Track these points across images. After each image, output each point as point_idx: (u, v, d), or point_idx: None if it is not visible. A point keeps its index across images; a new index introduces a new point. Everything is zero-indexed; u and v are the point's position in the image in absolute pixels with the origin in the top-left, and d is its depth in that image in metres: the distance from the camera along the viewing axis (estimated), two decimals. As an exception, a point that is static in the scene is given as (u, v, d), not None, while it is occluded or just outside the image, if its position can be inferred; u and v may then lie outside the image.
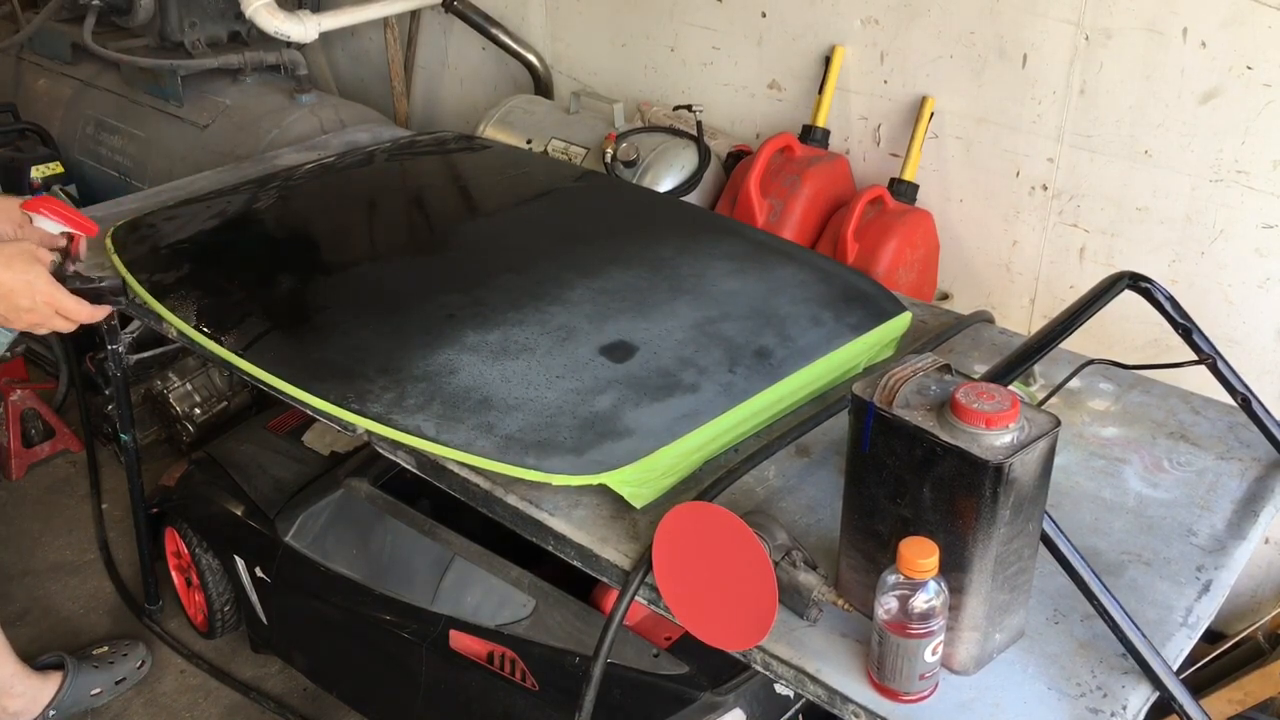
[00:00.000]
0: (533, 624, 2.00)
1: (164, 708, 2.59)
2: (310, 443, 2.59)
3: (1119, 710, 1.25)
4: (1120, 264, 2.50)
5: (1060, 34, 2.42)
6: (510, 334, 1.82)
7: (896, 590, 1.19)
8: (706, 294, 1.96)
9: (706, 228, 2.26)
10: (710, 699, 1.83)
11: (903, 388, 1.24)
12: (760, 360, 1.78)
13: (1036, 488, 1.21)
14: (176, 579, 2.77)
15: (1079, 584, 1.29)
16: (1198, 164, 2.33)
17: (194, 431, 3.14)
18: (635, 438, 1.58)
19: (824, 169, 2.70)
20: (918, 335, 1.96)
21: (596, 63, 3.37)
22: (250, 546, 2.44)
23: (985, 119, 2.60)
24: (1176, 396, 1.81)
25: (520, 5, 3.46)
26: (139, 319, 2.21)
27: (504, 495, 1.57)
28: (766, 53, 2.94)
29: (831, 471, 1.60)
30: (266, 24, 3.11)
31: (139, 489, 2.67)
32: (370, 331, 1.85)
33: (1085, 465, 1.64)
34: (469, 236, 2.25)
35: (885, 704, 1.24)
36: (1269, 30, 2.16)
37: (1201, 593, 1.42)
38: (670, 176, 2.78)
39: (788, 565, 1.33)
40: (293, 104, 3.26)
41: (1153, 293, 1.64)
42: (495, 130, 3.08)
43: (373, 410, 1.66)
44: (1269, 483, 1.63)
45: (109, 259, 2.16)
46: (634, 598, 1.42)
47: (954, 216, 2.73)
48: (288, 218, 2.40)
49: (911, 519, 1.23)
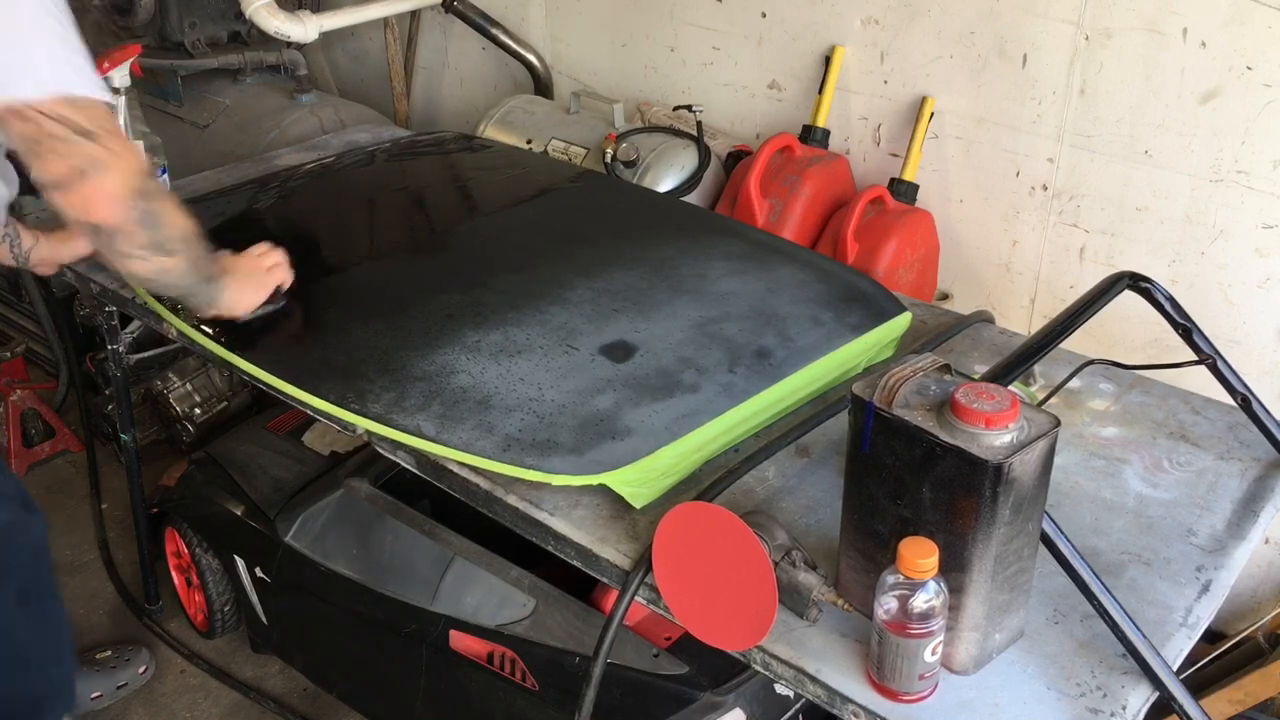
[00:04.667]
0: (533, 624, 2.00)
1: (164, 708, 2.59)
2: (310, 443, 2.59)
3: (1119, 710, 1.25)
4: (1120, 264, 2.50)
5: (1060, 34, 2.42)
6: (510, 334, 1.82)
7: (896, 590, 1.19)
8: (706, 294, 1.96)
9: (706, 228, 2.26)
10: (710, 699, 1.83)
11: (902, 388, 1.24)
12: (760, 360, 1.78)
13: (1036, 488, 1.21)
14: (176, 579, 2.77)
15: (1079, 584, 1.29)
16: (1198, 164, 2.33)
17: (194, 431, 3.13)
18: (635, 438, 1.58)
19: (824, 169, 2.70)
20: (918, 335, 1.96)
21: (596, 63, 3.37)
22: (250, 546, 2.44)
23: (985, 119, 2.60)
24: (1176, 396, 1.81)
25: (520, 5, 3.46)
26: (139, 319, 2.21)
27: (504, 495, 1.57)
28: (766, 53, 2.94)
29: (831, 471, 1.60)
30: (266, 24, 3.11)
31: (139, 489, 2.67)
32: (370, 331, 1.85)
33: (1085, 465, 1.64)
34: (469, 237, 2.25)
35: (885, 704, 1.24)
36: (1269, 30, 2.16)
37: (1201, 593, 1.42)
38: (670, 176, 2.78)
39: (787, 565, 1.33)
40: (293, 104, 3.27)
41: (1153, 293, 1.64)
42: (495, 130, 3.08)
43: (373, 410, 1.66)
44: (1269, 483, 1.63)
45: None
46: (634, 598, 1.42)
47: (954, 216, 2.73)
48: (288, 218, 2.40)
49: (911, 519, 1.23)
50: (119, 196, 1.62)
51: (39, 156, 1.56)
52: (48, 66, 1.55)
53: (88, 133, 1.57)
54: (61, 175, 1.57)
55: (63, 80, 1.55)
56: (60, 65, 1.56)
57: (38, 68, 1.54)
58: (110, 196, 1.61)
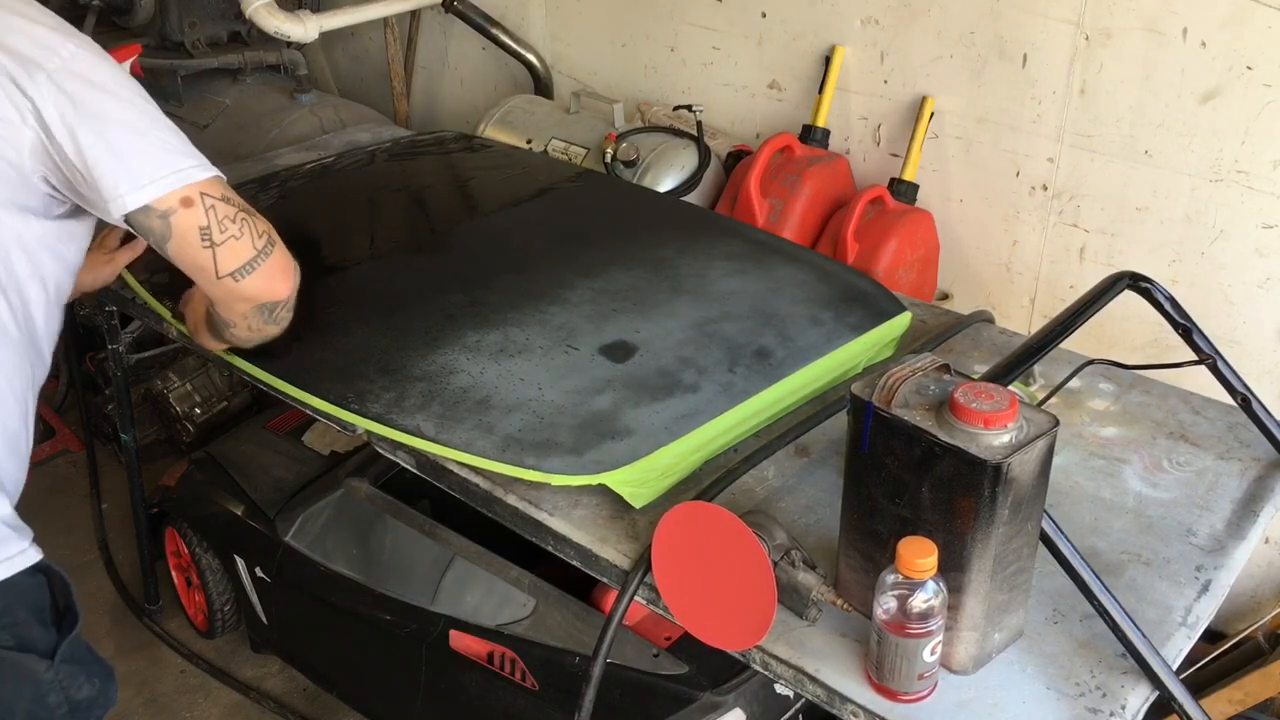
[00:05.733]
0: (533, 624, 2.00)
1: (164, 708, 2.59)
2: (310, 443, 2.59)
3: (1118, 710, 1.25)
4: (1120, 264, 2.50)
5: (1060, 34, 2.42)
6: (510, 334, 1.82)
7: (895, 590, 1.19)
8: (706, 294, 1.96)
9: (706, 228, 2.26)
10: (710, 699, 1.83)
11: (902, 387, 1.24)
12: (760, 360, 1.78)
13: (1035, 487, 1.21)
14: (176, 579, 2.77)
15: (1078, 584, 1.29)
16: (1198, 164, 2.33)
17: (194, 431, 3.13)
18: (635, 438, 1.58)
19: (824, 169, 2.70)
20: (917, 335, 1.96)
21: (596, 63, 3.37)
22: (250, 546, 2.44)
23: (985, 119, 2.60)
24: (1176, 396, 1.81)
25: (520, 5, 3.46)
26: (139, 319, 2.21)
27: (504, 495, 1.57)
28: (766, 53, 2.94)
29: (831, 471, 1.60)
30: (266, 24, 3.11)
31: (139, 489, 2.67)
32: (370, 331, 1.86)
33: (1085, 465, 1.64)
34: (469, 236, 2.25)
35: (884, 704, 1.25)
36: (1269, 30, 2.16)
37: (1201, 592, 1.42)
38: (670, 176, 2.78)
39: (787, 565, 1.33)
40: (293, 104, 3.26)
41: (1153, 293, 1.64)
42: (495, 130, 3.08)
43: (373, 410, 1.66)
44: (1269, 482, 1.63)
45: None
46: (633, 598, 1.42)
47: (954, 216, 2.73)
48: (288, 218, 2.38)
49: (910, 519, 1.23)
50: (290, 267, 1.57)
51: (216, 246, 1.47)
52: (189, 153, 1.48)
53: (250, 210, 1.51)
54: (247, 260, 1.49)
55: (203, 163, 1.48)
56: (192, 150, 1.49)
57: (184, 154, 1.47)
58: (285, 269, 1.56)
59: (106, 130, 1.40)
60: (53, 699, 1.42)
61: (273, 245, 1.54)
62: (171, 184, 1.43)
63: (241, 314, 1.60)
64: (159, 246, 1.49)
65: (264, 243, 1.52)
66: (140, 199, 1.42)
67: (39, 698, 1.41)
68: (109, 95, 1.43)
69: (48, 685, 1.42)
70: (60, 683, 1.43)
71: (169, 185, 1.43)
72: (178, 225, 1.45)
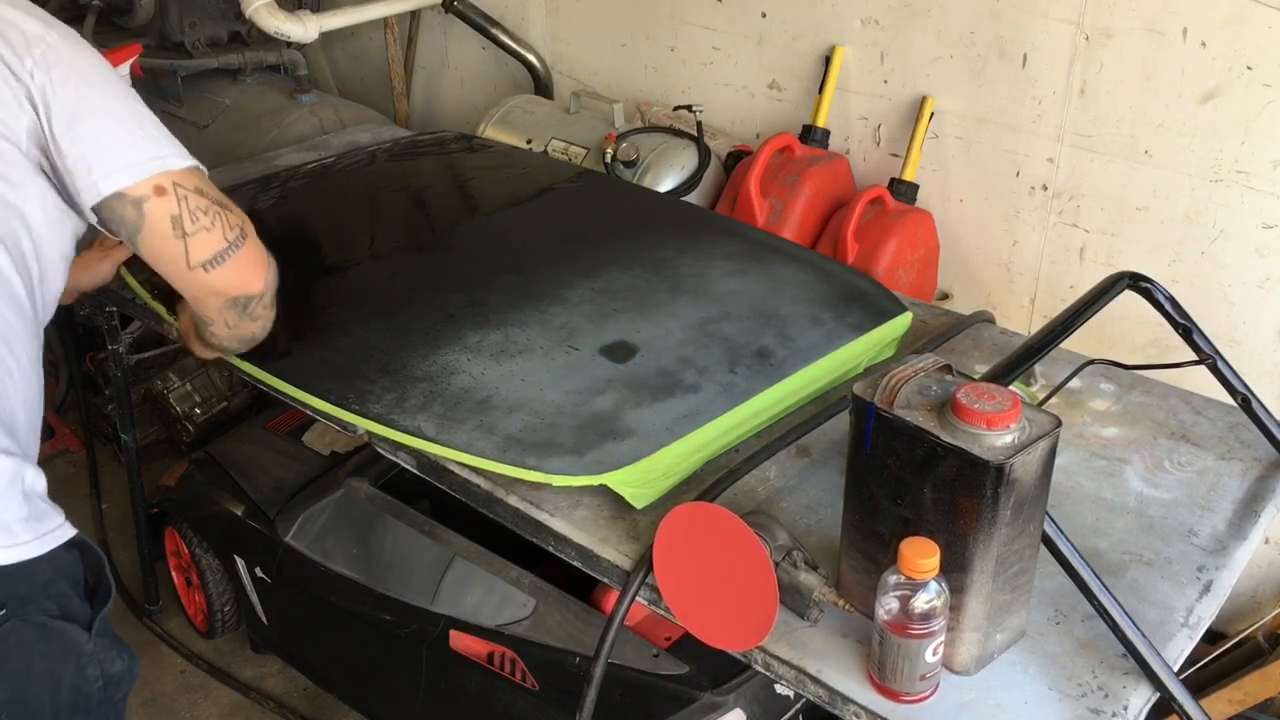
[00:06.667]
0: (533, 624, 2.00)
1: (164, 708, 2.59)
2: (310, 443, 2.59)
3: (1120, 710, 1.25)
4: (1120, 264, 2.50)
5: (1060, 34, 2.42)
6: (511, 334, 1.82)
7: (897, 590, 1.19)
8: (707, 294, 1.96)
9: (707, 228, 2.26)
10: (710, 699, 1.83)
11: (903, 388, 1.24)
12: (761, 360, 1.78)
13: (1037, 488, 1.21)
14: (176, 579, 2.77)
15: (1080, 584, 1.29)
16: (1198, 164, 2.33)
17: (194, 431, 3.13)
18: (636, 438, 1.58)
19: (824, 169, 2.70)
20: (918, 335, 1.96)
21: (596, 63, 3.37)
22: (250, 546, 2.44)
23: (985, 119, 2.60)
24: (1177, 396, 1.81)
25: (520, 5, 3.46)
26: (139, 319, 2.20)
27: (505, 496, 1.57)
28: (766, 53, 2.94)
29: (832, 472, 1.60)
30: (266, 24, 3.11)
31: (139, 489, 2.67)
32: (371, 332, 1.85)
33: (1086, 465, 1.64)
34: (469, 237, 2.25)
35: (886, 704, 1.25)
36: (1269, 30, 2.16)
37: (1202, 593, 1.42)
38: (670, 176, 2.78)
39: (788, 565, 1.33)
40: (293, 104, 3.26)
41: (1153, 293, 1.64)
42: (495, 130, 3.08)
43: (373, 411, 1.66)
44: (1269, 483, 1.63)
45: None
46: (634, 598, 1.42)
47: (954, 216, 2.73)
48: (288, 218, 2.39)
49: (912, 519, 1.23)
50: (263, 261, 1.57)
51: (188, 236, 1.48)
52: (166, 141, 1.49)
53: (224, 203, 1.51)
54: (218, 251, 1.50)
55: (180, 152, 1.49)
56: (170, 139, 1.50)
57: (160, 143, 1.48)
58: (257, 263, 1.56)
59: (86, 118, 1.43)
60: (91, 671, 1.44)
61: (244, 238, 1.55)
62: (147, 170, 1.45)
63: (216, 309, 1.61)
64: (131, 239, 1.50)
65: (235, 235, 1.53)
66: (115, 184, 1.43)
67: (80, 669, 1.43)
68: (89, 85, 1.45)
69: (87, 657, 1.43)
70: (97, 655, 1.44)
71: (145, 171, 1.45)
72: (150, 213, 1.46)
